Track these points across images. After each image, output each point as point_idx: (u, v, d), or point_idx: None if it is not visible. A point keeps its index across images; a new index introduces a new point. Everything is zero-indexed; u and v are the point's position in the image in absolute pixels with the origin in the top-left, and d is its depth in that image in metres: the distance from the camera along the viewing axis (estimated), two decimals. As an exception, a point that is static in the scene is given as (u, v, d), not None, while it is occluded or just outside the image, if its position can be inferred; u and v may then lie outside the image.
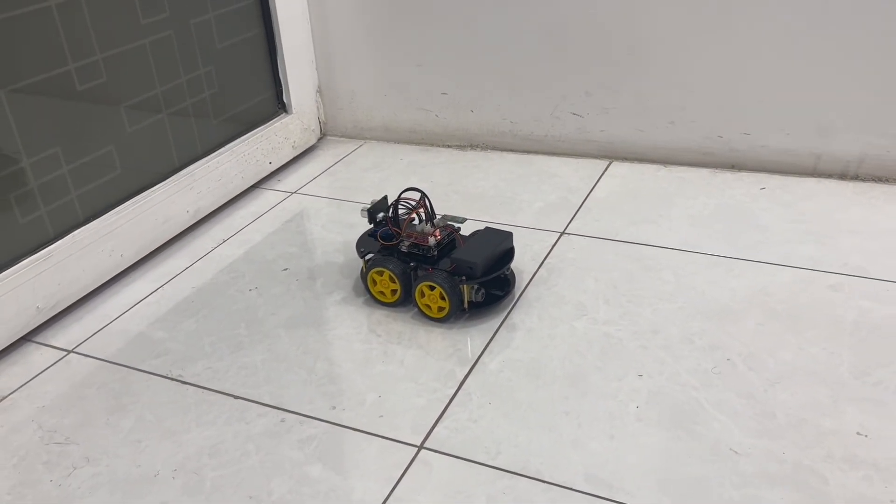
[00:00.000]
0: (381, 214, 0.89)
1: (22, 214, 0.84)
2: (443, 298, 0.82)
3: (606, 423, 0.69)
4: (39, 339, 0.86)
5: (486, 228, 0.88)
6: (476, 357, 0.79)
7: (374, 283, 0.86)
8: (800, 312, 0.82)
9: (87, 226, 0.90)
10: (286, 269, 0.97)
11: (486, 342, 0.81)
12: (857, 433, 0.66)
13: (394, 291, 0.86)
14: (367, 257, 0.88)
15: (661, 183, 1.13)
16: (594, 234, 1.00)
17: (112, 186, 0.94)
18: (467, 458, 0.67)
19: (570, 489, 0.63)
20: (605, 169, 1.19)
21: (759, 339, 0.79)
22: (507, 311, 0.86)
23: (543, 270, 0.93)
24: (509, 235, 0.87)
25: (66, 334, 0.87)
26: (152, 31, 0.96)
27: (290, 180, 1.22)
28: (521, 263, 0.94)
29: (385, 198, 0.90)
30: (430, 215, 0.86)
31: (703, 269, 0.91)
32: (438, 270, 0.82)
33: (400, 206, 0.87)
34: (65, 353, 0.84)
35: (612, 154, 1.22)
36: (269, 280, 0.95)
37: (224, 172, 1.10)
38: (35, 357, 0.83)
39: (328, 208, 1.12)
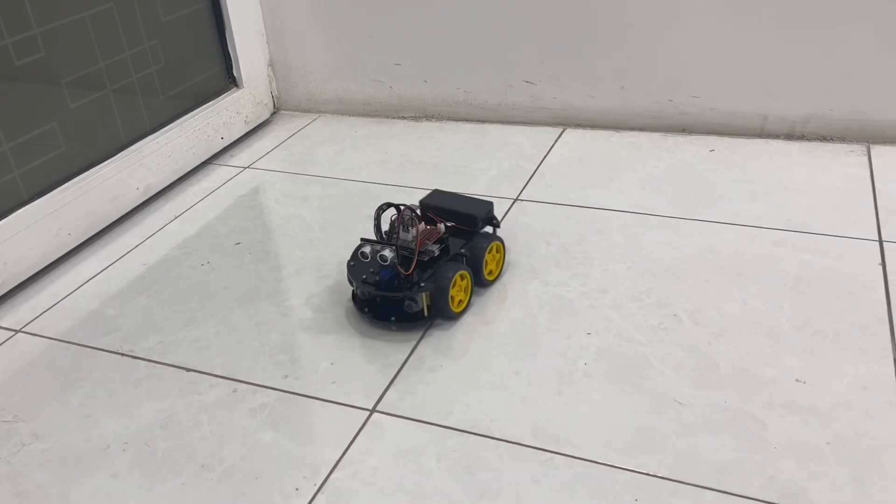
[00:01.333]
0: (386, 252, 0.76)
1: (-38, 194, 0.82)
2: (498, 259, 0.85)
3: (555, 380, 0.71)
4: (-14, 319, 0.85)
5: (435, 191, 0.88)
6: (429, 322, 0.79)
7: (453, 300, 0.78)
8: (744, 268, 0.84)
9: (32, 204, 0.88)
10: (239, 244, 0.96)
11: (439, 307, 0.82)
12: (796, 380, 0.68)
13: (465, 289, 0.80)
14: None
15: (613, 148, 1.14)
16: (547, 199, 1.01)
17: (56, 164, 0.92)
18: (419, 419, 0.67)
19: (519, 444, 0.64)
20: (559, 136, 1.19)
21: (705, 294, 0.80)
22: (460, 276, 0.86)
23: (496, 236, 0.93)
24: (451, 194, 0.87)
25: (14, 314, 0.85)
26: (93, 4, 0.94)
27: (244, 155, 1.21)
28: (475, 230, 0.95)
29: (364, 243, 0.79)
30: (412, 218, 0.78)
31: (652, 230, 0.92)
32: (475, 240, 0.82)
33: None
34: (13, 332, 0.83)
35: (566, 121, 1.22)
36: (221, 255, 0.94)
37: (174, 148, 1.09)
38: (-18, 338, 0.82)
39: (282, 182, 1.11)
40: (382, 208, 0.79)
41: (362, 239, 0.79)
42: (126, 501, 0.61)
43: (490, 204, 0.84)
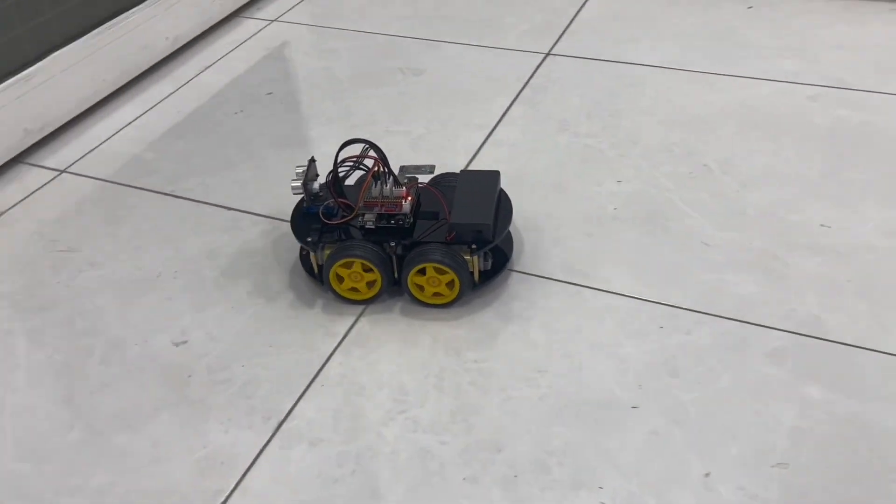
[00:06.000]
0: (317, 184, 0.66)
1: (-1, 33, 0.82)
2: (450, 285, 0.63)
3: (585, 223, 0.73)
4: (31, 160, 0.87)
5: (464, 172, 0.70)
6: (464, 167, 0.81)
7: (341, 279, 0.64)
8: (777, 122, 0.84)
9: (67, 47, 0.89)
10: (271, 94, 0.97)
11: (471, 157, 0.83)
12: (821, 225, 0.70)
13: (371, 284, 0.64)
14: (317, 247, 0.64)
15: (648, 4, 1.11)
16: (579, 54, 1.00)
17: (87, 8, 0.92)
18: (453, 255, 0.70)
19: (550, 279, 0.67)
20: (592, -8, 1.16)
21: (736, 146, 0.81)
22: (492, 127, 0.87)
23: (528, 90, 0.93)
24: (496, 174, 0.68)
25: (57, 156, 0.88)
26: None
27: (271, 9, 1.19)
28: (506, 85, 0.95)
29: (312, 161, 0.67)
30: (388, 171, 0.64)
31: (684, 85, 0.92)
32: (431, 245, 0.62)
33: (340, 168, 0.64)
34: (58, 172, 0.85)
35: (600, -23, 1.18)
36: (253, 103, 0.95)
37: (201, -2, 1.07)
38: (28, 177, 0.84)
39: (309, 35, 1.10)
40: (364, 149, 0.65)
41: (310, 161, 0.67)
42: (182, 319, 0.66)
43: (487, 226, 0.62)
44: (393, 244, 0.63)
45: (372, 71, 1.00)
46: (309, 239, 0.64)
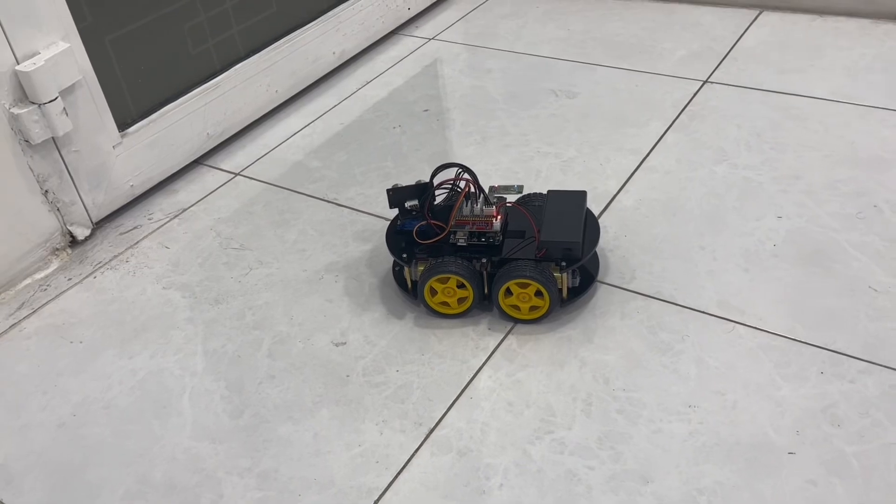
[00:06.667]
0: (409, 203, 0.68)
1: (193, 46, 0.90)
2: (539, 295, 0.65)
3: (742, 258, 0.71)
4: (210, 162, 0.95)
5: (551, 192, 0.70)
6: (612, 196, 0.81)
7: (434, 292, 0.67)
8: (959, 164, 0.79)
9: (248, 60, 0.96)
10: (427, 110, 1.01)
11: (623, 182, 0.83)
12: None
13: (462, 300, 0.67)
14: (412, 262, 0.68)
15: (815, 33, 1.07)
16: (739, 83, 0.98)
17: (268, 24, 0.99)
18: (600, 280, 0.71)
19: (702, 312, 0.66)
20: (754, 19, 1.13)
21: (911, 187, 0.77)
22: (646, 153, 0.87)
23: (684, 116, 0.92)
24: (583, 194, 0.69)
25: (232, 159, 0.95)
26: None
27: (428, 27, 1.23)
28: (661, 110, 0.94)
29: (418, 184, 0.69)
30: (479, 191, 0.67)
31: (853, 120, 0.88)
32: (523, 261, 0.65)
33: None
34: (232, 175, 0.92)
35: (762, 4, 1.15)
36: (411, 119, 0.99)
37: (367, 16, 1.13)
38: (208, 178, 0.92)
39: (465, 54, 1.14)
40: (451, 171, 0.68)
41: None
42: (342, 321, 0.70)
43: (576, 243, 0.65)
44: (484, 261, 0.66)
45: (525, 91, 1.02)
46: (404, 255, 0.68)
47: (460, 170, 0.67)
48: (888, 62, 0.97)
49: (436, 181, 0.68)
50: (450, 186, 0.69)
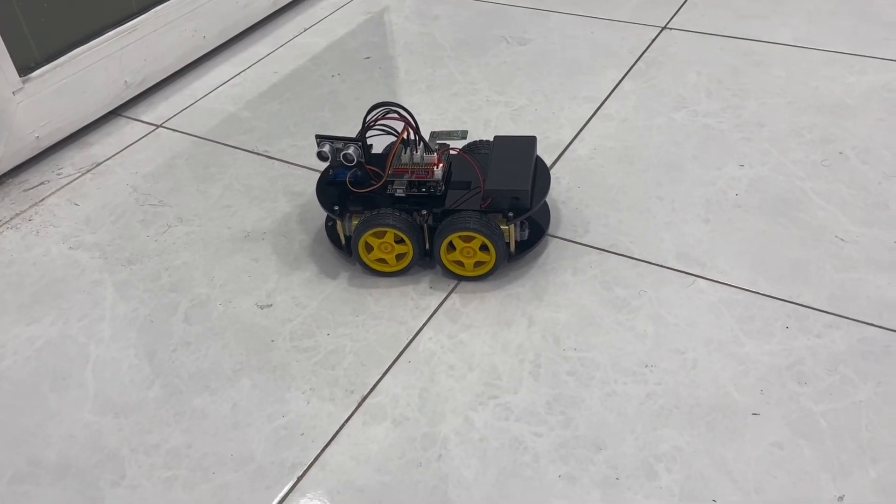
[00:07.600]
0: (350, 150, 0.61)
1: (105, -17, 0.82)
2: (484, 249, 0.59)
3: (702, 208, 0.66)
4: (129, 113, 0.87)
5: (497, 138, 0.64)
6: (565, 145, 0.76)
7: (369, 248, 0.61)
8: (927, 109, 0.75)
9: (169, 2, 0.88)
10: (369, 58, 0.94)
11: (577, 131, 0.77)
12: (981, 226, 0.62)
13: (401, 256, 0.61)
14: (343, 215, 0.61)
15: (778, -21, 1.02)
16: (699, 29, 0.92)
17: (192, -38, 0.91)
18: (552, 234, 0.65)
19: (660, 266, 0.61)
20: (714, -36, 1.08)
21: (877, 133, 0.72)
22: (601, 101, 0.81)
23: (641, 63, 0.87)
24: (533, 140, 0.64)
25: (154, 110, 0.87)
26: None
27: (372, -27, 1.15)
28: (618, 57, 0.88)
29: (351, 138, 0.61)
30: (418, 137, 0.61)
31: (818, 66, 0.83)
32: (466, 212, 0.59)
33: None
34: (154, 127, 0.84)
35: (724, -52, 1.10)
36: (351, 67, 0.92)
37: (304, -41, 1.05)
38: (126, 130, 0.84)
39: (411, 0, 1.06)
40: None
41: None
42: (268, 282, 0.63)
43: (524, 192, 0.59)
44: (424, 213, 0.60)
45: (475, 38, 0.95)
46: (336, 207, 0.61)
47: (394, 110, 0.60)
48: (853, 7, 0.93)
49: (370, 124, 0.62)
50: (384, 128, 0.62)
